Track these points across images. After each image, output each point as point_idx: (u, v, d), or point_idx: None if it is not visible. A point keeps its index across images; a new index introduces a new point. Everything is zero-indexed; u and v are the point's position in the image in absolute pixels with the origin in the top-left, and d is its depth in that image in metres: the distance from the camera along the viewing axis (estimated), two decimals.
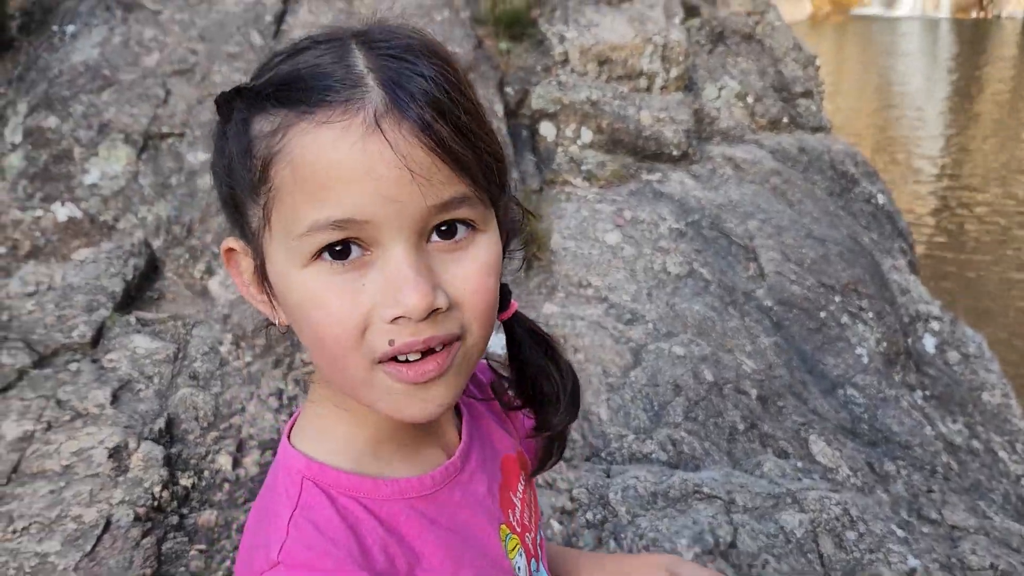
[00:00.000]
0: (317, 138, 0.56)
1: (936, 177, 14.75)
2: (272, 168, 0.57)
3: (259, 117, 0.58)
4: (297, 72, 0.58)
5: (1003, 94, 21.12)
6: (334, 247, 0.57)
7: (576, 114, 4.14)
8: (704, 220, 3.62)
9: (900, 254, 4.49)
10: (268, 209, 0.58)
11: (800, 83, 5.48)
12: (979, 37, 29.75)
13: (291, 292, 0.59)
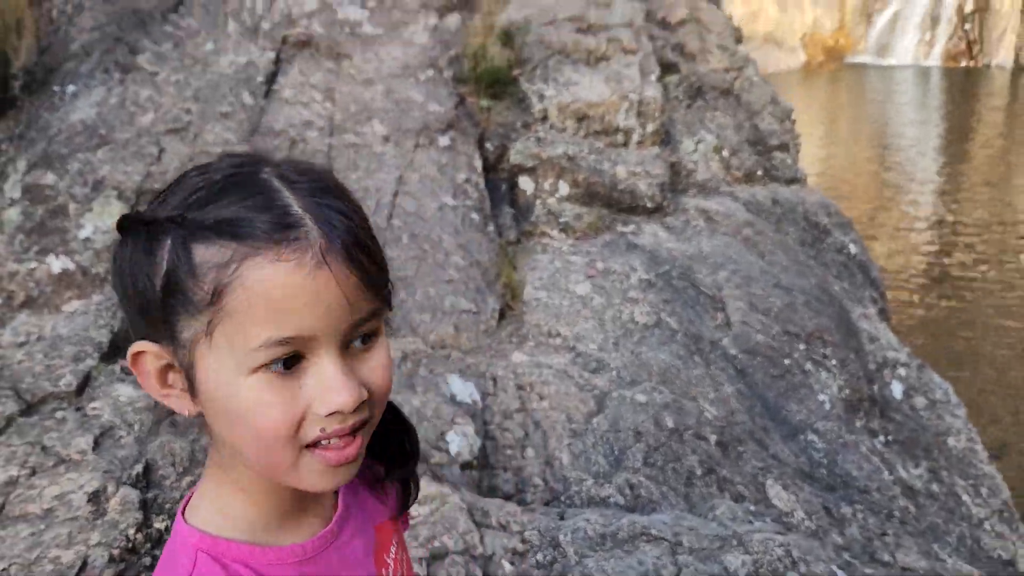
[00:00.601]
0: (272, 272, 0.66)
1: (929, 225, 14.94)
2: (226, 294, 0.66)
3: (203, 246, 0.67)
4: (238, 212, 0.68)
5: (995, 142, 21.45)
6: (280, 359, 0.68)
7: (554, 168, 4.31)
8: (674, 271, 3.76)
9: (871, 302, 4.62)
10: (213, 325, 0.67)
11: (776, 136, 5.68)
12: (970, 85, 30.26)
13: (235, 396, 0.69)
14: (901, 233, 14.62)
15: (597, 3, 5.02)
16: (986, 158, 19.95)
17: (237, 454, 0.73)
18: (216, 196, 0.69)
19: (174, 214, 0.68)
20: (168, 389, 0.73)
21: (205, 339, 0.68)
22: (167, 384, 0.72)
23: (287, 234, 0.67)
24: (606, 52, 4.82)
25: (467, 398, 2.61)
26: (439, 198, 3.68)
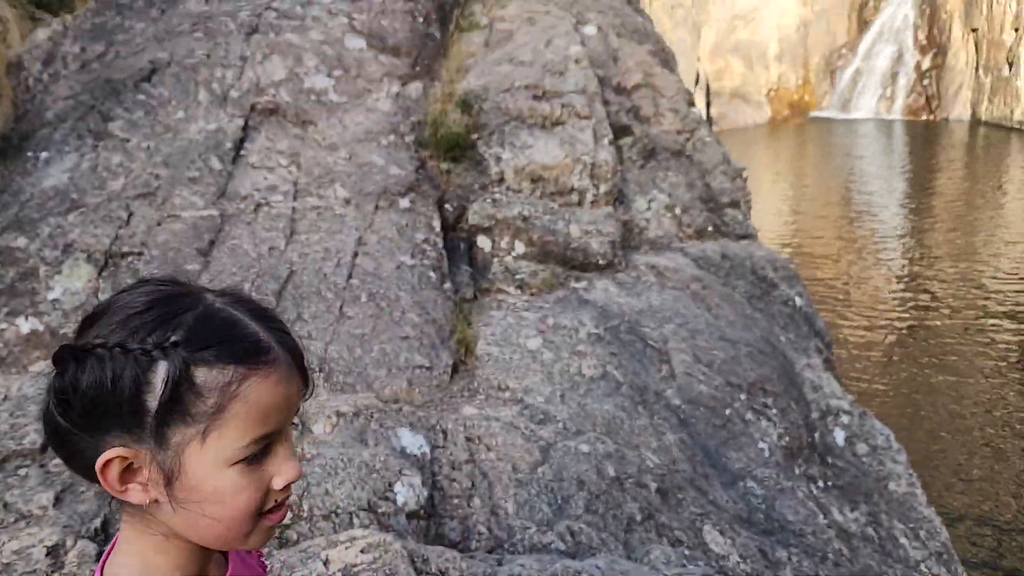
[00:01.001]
0: (263, 388, 0.85)
1: (897, 277, 15.34)
2: (228, 408, 0.83)
3: (205, 369, 0.83)
4: (229, 341, 0.86)
5: (956, 193, 22.12)
6: (256, 452, 0.87)
7: (510, 228, 4.51)
8: (623, 325, 3.95)
9: (816, 352, 4.83)
10: (209, 431, 0.83)
11: (728, 194, 5.94)
12: (931, 138, 31.26)
13: (218, 485, 0.85)
14: (869, 284, 14.99)
15: (552, 71, 5.30)
16: (948, 208, 20.57)
17: (197, 527, 0.87)
18: (198, 328, 0.85)
19: (166, 343, 0.83)
20: (127, 485, 0.85)
21: (197, 442, 0.84)
22: (126, 481, 0.85)
23: (266, 356, 0.87)
24: (560, 117, 5.07)
25: (416, 450, 2.75)
26: (397, 258, 3.86)
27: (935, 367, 11.18)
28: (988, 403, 10.05)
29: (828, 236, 18.38)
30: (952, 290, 14.35)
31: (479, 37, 5.97)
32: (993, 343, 11.91)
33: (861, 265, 16.10)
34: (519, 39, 5.79)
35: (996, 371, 11.03)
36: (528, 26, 6.06)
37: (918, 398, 10.22)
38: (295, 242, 3.75)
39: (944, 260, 16.23)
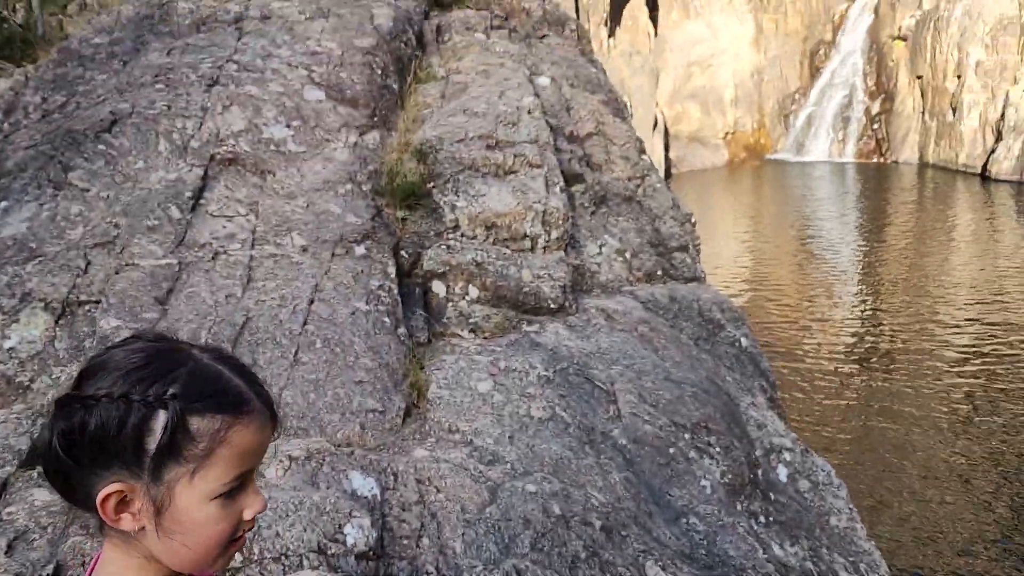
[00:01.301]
0: (246, 435, 1.02)
1: (849, 320, 15.75)
2: (218, 450, 1.00)
3: (198, 418, 0.99)
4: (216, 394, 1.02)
5: (906, 237, 22.82)
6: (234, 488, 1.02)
7: (464, 273, 4.65)
8: (572, 367, 4.09)
9: (760, 391, 5.01)
10: (197, 470, 0.99)
11: (677, 239, 6.16)
12: (881, 180, 32.26)
13: (200, 517, 1.01)
14: (822, 324, 15.36)
15: (505, 122, 5.50)
16: (899, 250, 21.20)
17: (176, 553, 1.02)
18: (192, 382, 1.02)
19: (165, 396, 0.99)
20: (120, 515, 1.01)
21: (187, 479, 1.00)
22: (120, 511, 1.00)
23: (248, 407, 1.03)
24: (513, 166, 5.26)
25: (367, 492, 2.84)
26: (353, 304, 3.97)
27: (883, 405, 11.48)
28: (932, 439, 10.34)
29: (784, 276, 18.84)
30: (902, 330, 14.78)
31: (436, 89, 6.17)
32: (940, 382, 12.27)
33: (815, 305, 16.51)
34: (474, 91, 6.00)
35: (942, 409, 11.35)
36: (483, 78, 6.28)
37: (865, 434, 10.47)
38: (252, 289, 3.84)
39: (895, 300, 16.71)
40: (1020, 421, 10.72)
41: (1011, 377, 12.19)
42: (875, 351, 13.72)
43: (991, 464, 9.62)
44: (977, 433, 10.43)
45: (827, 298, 17.08)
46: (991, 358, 13.01)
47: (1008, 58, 31.22)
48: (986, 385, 11.99)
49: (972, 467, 9.53)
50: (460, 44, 7.12)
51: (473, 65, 6.59)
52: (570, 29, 8.87)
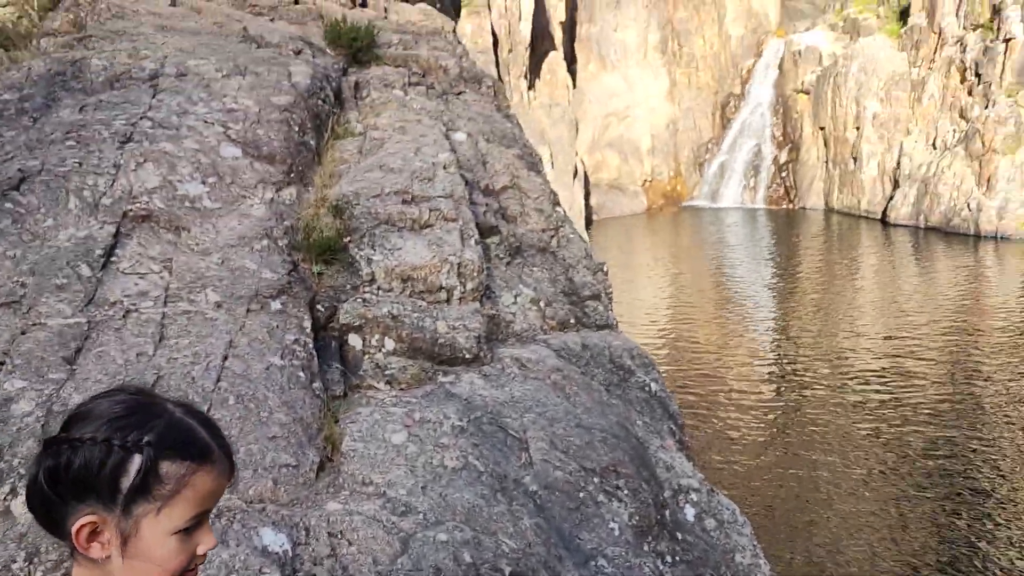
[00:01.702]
0: (208, 480, 1.20)
1: (761, 361, 16.33)
2: (182, 492, 1.16)
3: (168, 463, 1.16)
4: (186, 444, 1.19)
5: (815, 279, 23.87)
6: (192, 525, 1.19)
7: (380, 326, 4.75)
8: (485, 416, 4.21)
9: (669, 434, 5.22)
10: (163, 508, 1.15)
11: (589, 288, 6.39)
12: (790, 225, 33.75)
13: (161, 549, 1.16)
14: (735, 366, 15.89)
15: (421, 177, 5.67)
16: (808, 292, 22.15)
17: None
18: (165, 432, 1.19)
19: (141, 442, 1.17)
20: (91, 543, 1.15)
21: (153, 515, 1.17)
22: (91, 540, 1.15)
23: (211, 457, 1.22)
24: (429, 220, 5.41)
25: (278, 548, 2.88)
26: (267, 359, 4.01)
27: (789, 442, 11.93)
28: (837, 475, 10.79)
29: (699, 319, 19.44)
30: (808, 370, 15.41)
31: (354, 144, 6.30)
32: (845, 420, 12.84)
33: (728, 347, 17.08)
34: (391, 147, 6.16)
35: (846, 446, 11.87)
36: (400, 134, 6.46)
37: (771, 471, 10.85)
38: (164, 347, 3.85)
39: (802, 340, 17.43)
40: (923, 456, 11.29)
41: (913, 413, 12.85)
42: (783, 391, 14.27)
43: (894, 499, 10.10)
44: (881, 470, 10.93)
45: (739, 340, 17.70)
46: (894, 396, 13.69)
47: (901, 111, 33.37)
48: (889, 421, 12.60)
49: (876, 502, 9.98)
50: (378, 100, 7.29)
51: (391, 121, 6.77)
52: (486, 86, 9.17)
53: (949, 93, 31.78)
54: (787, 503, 9.74)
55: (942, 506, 9.90)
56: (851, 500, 9.97)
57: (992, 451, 11.53)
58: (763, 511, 8.76)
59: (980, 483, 10.46)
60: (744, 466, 10.88)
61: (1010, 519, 9.54)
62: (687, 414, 6.95)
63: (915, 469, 10.91)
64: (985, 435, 12.11)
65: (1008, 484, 10.46)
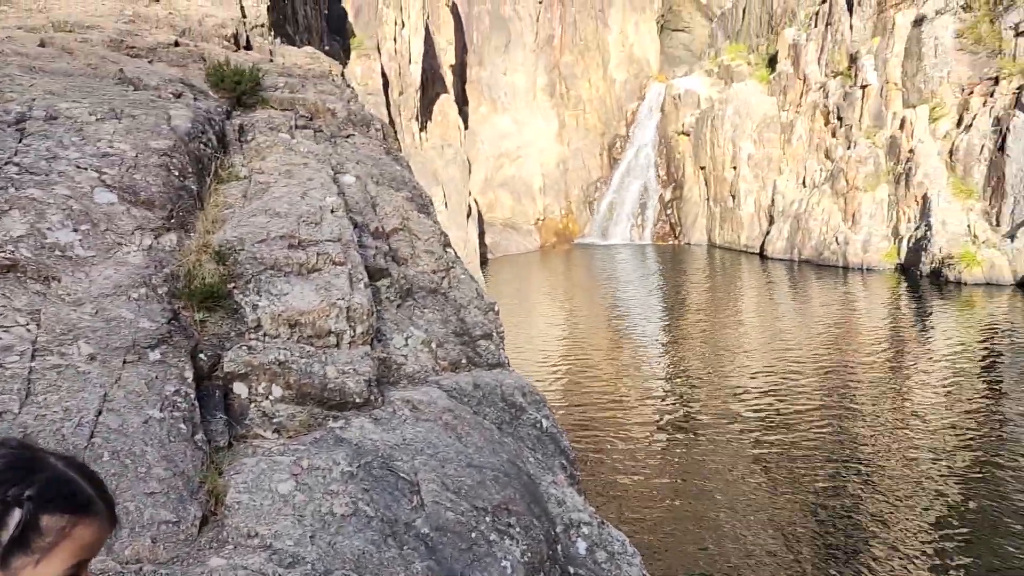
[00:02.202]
0: (88, 532, 1.23)
1: (652, 395, 16.79)
2: (62, 543, 1.20)
3: (48, 516, 1.20)
4: (68, 497, 1.23)
5: (701, 312, 24.82)
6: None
7: (267, 373, 4.66)
8: (376, 461, 4.18)
9: (560, 470, 5.31)
10: (41, 559, 1.19)
11: (481, 327, 6.47)
12: (677, 261, 35.05)
13: None
14: (628, 399, 16.28)
15: (308, 221, 5.63)
16: (696, 325, 22.99)
17: None
18: (46, 486, 1.22)
19: (22, 497, 1.20)
20: None
21: (32, 566, 1.19)
22: None
23: (92, 509, 1.26)
24: (316, 264, 5.38)
25: None
26: (146, 412, 3.87)
27: (680, 472, 12.30)
28: (726, 502, 11.18)
29: (591, 354, 19.85)
30: (696, 399, 15.98)
31: (238, 189, 6.21)
32: (733, 447, 13.35)
33: (619, 381, 17.50)
34: (277, 191, 6.10)
35: (734, 473, 12.34)
36: (287, 178, 6.41)
37: (661, 501, 11.14)
38: (31, 404, 3.66)
39: (690, 371, 18.06)
40: (806, 478, 11.84)
41: (794, 437, 13.49)
42: (670, 421, 14.71)
43: (781, 522, 10.54)
44: (767, 493, 11.40)
45: (628, 373, 18.17)
46: (776, 421, 14.34)
47: (773, 151, 35.44)
48: (773, 445, 13.18)
49: (763, 526, 10.39)
50: (264, 144, 7.22)
51: (277, 165, 6.70)
52: (375, 128, 9.22)
53: (815, 135, 34.01)
54: (676, 532, 10.01)
55: (826, 525, 10.40)
56: (739, 525, 10.34)
57: (870, 470, 12.22)
58: (654, 540, 8.97)
59: (862, 502, 11.06)
60: (634, 497, 11.13)
61: (891, 536, 10.12)
62: (578, 449, 7.07)
63: (799, 490, 11.44)
64: (864, 456, 12.84)
65: (886, 501, 11.11)
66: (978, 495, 11.20)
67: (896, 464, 12.42)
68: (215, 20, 10.94)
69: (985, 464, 12.27)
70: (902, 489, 11.43)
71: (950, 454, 12.72)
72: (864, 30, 32.27)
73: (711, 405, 15.47)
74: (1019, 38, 27.23)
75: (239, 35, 10.93)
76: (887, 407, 15.04)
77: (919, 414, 14.60)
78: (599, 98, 44.84)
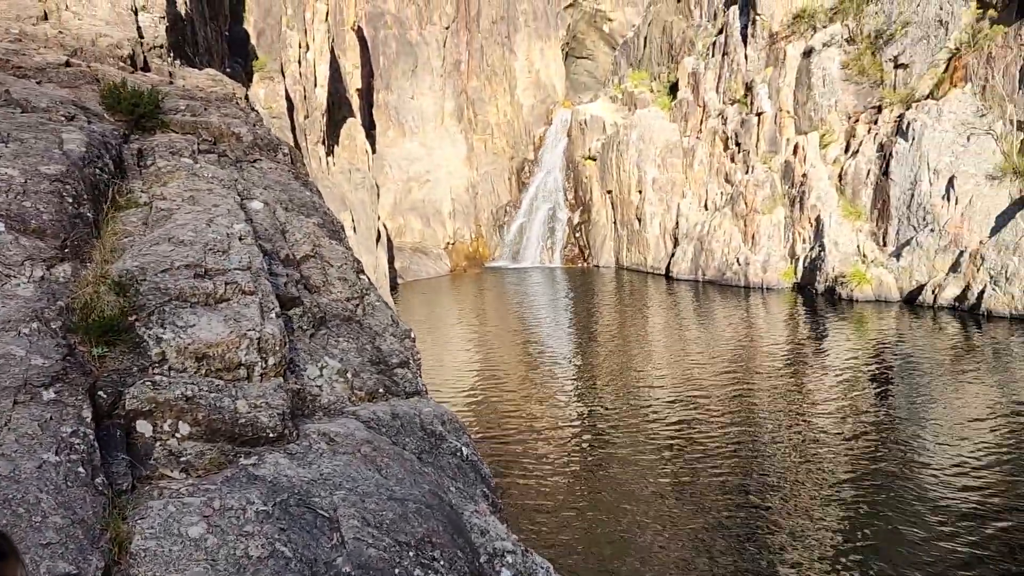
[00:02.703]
0: None
1: (568, 416, 16.88)
2: None
3: None
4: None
5: (612, 333, 25.19)
6: None
7: (173, 409, 4.42)
8: (293, 498, 4.01)
9: (482, 498, 5.24)
10: None
11: (397, 355, 6.35)
12: (586, 283, 35.57)
13: None
14: (543, 419, 16.32)
15: (215, 249, 5.42)
16: (607, 346, 23.32)
17: None
18: None
19: None
20: None
21: None
22: None
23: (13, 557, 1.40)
24: (225, 294, 5.16)
25: None
26: (39, 456, 3.60)
27: (600, 493, 12.39)
28: (646, 520, 11.33)
29: (506, 379, 19.85)
30: (612, 419, 16.18)
31: (138, 216, 5.92)
32: (648, 462, 13.55)
33: (536, 405, 17.55)
34: (181, 217, 5.85)
35: (651, 490, 12.51)
36: (191, 204, 6.16)
37: (583, 524, 11.19)
38: None
39: (605, 392, 18.29)
40: (718, 492, 12.11)
41: (705, 451, 13.80)
42: (588, 442, 14.84)
43: (698, 536, 10.73)
44: (686, 508, 11.60)
45: (544, 396, 18.26)
46: (687, 436, 14.65)
47: (676, 176, 36.56)
48: (686, 460, 13.45)
49: (683, 541, 10.55)
50: (165, 169, 6.93)
51: (180, 191, 6.44)
52: (283, 153, 9.01)
53: (715, 160, 35.30)
54: (596, 552, 10.06)
55: (734, 533, 10.65)
56: (654, 541, 10.47)
57: (773, 479, 12.60)
58: (576, 563, 8.98)
59: (767, 511, 11.37)
60: (555, 520, 11.13)
61: (796, 543, 10.43)
62: (498, 475, 7.01)
63: (709, 504, 11.68)
64: (766, 465, 13.24)
65: (789, 510, 11.46)
66: (873, 499, 11.70)
67: (797, 472, 12.87)
68: (110, 40, 10.49)
69: (877, 470, 12.85)
70: (803, 496, 11.85)
71: (846, 462, 13.28)
72: (758, 60, 33.81)
73: (623, 424, 15.70)
74: (898, 69, 29.08)
75: (136, 56, 10.51)
76: (787, 418, 15.60)
77: (817, 424, 15.22)
78: (507, 123, 45.32)
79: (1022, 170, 24.64)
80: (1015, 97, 25.37)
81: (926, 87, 28.27)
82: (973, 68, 26.62)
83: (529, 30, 45.92)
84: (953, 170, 26.01)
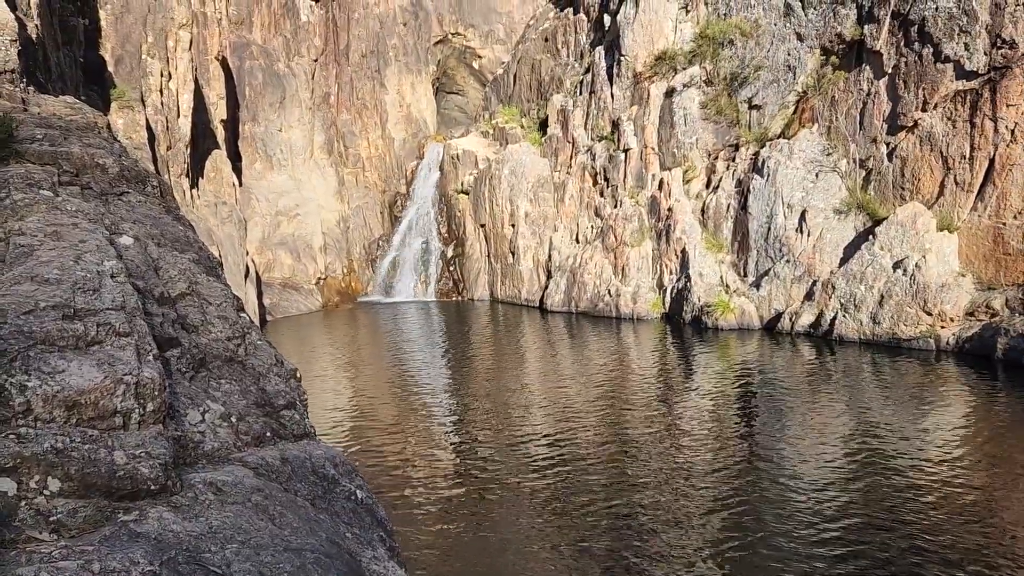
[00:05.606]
0: None
1: (448, 449, 16.72)
2: None
3: None
4: None
5: (487, 366, 25.26)
6: None
7: (40, 464, 4.04)
8: (181, 556, 3.74)
9: (380, 543, 5.07)
10: None
11: (283, 396, 6.10)
12: (461, 316, 35.60)
13: None
14: (429, 455, 16.08)
15: (84, 289, 5.04)
16: (483, 379, 23.35)
17: None
18: None
19: None
20: None
21: None
22: None
23: None
24: (97, 336, 4.80)
25: None
26: None
27: (496, 525, 12.33)
28: (539, 550, 11.34)
29: (391, 416, 19.48)
30: (495, 449, 16.18)
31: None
32: (531, 490, 13.61)
33: (422, 440, 17.30)
34: (43, 254, 5.42)
35: (539, 516, 12.56)
36: (54, 240, 5.71)
37: (487, 560, 11.10)
38: None
39: (486, 423, 18.28)
40: (603, 515, 12.29)
41: (583, 477, 14.01)
42: (476, 476, 14.75)
43: (575, 553, 10.83)
44: (562, 537, 11.71)
45: (429, 430, 18.03)
46: (565, 463, 14.83)
47: (548, 210, 37.39)
48: (564, 485, 13.60)
49: (565, 561, 10.63)
50: (22, 202, 6.42)
51: (41, 226, 5.97)
52: (152, 185, 8.55)
53: (585, 194, 36.37)
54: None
55: (613, 555, 10.82)
56: (553, 567, 10.49)
57: (652, 497, 12.93)
58: None
59: (645, 533, 11.63)
60: (450, 558, 10.96)
61: (672, 555, 10.71)
62: (390, 514, 6.81)
63: (591, 530, 11.84)
64: (644, 484, 13.58)
65: (666, 529, 11.77)
66: (740, 515, 12.23)
67: (669, 490, 13.30)
68: None
69: (742, 486, 13.47)
70: (675, 511, 12.25)
71: (714, 480, 13.84)
72: (624, 99, 35.27)
73: (503, 452, 15.76)
74: (752, 110, 31.08)
75: None
76: (658, 441, 16.11)
77: (687, 445, 15.80)
78: (378, 156, 45.01)
79: (865, 205, 26.80)
80: (856, 137, 27.65)
81: (778, 127, 30.33)
82: (819, 110, 28.82)
83: (400, 64, 46.00)
84: (805, 204, 27.94)
